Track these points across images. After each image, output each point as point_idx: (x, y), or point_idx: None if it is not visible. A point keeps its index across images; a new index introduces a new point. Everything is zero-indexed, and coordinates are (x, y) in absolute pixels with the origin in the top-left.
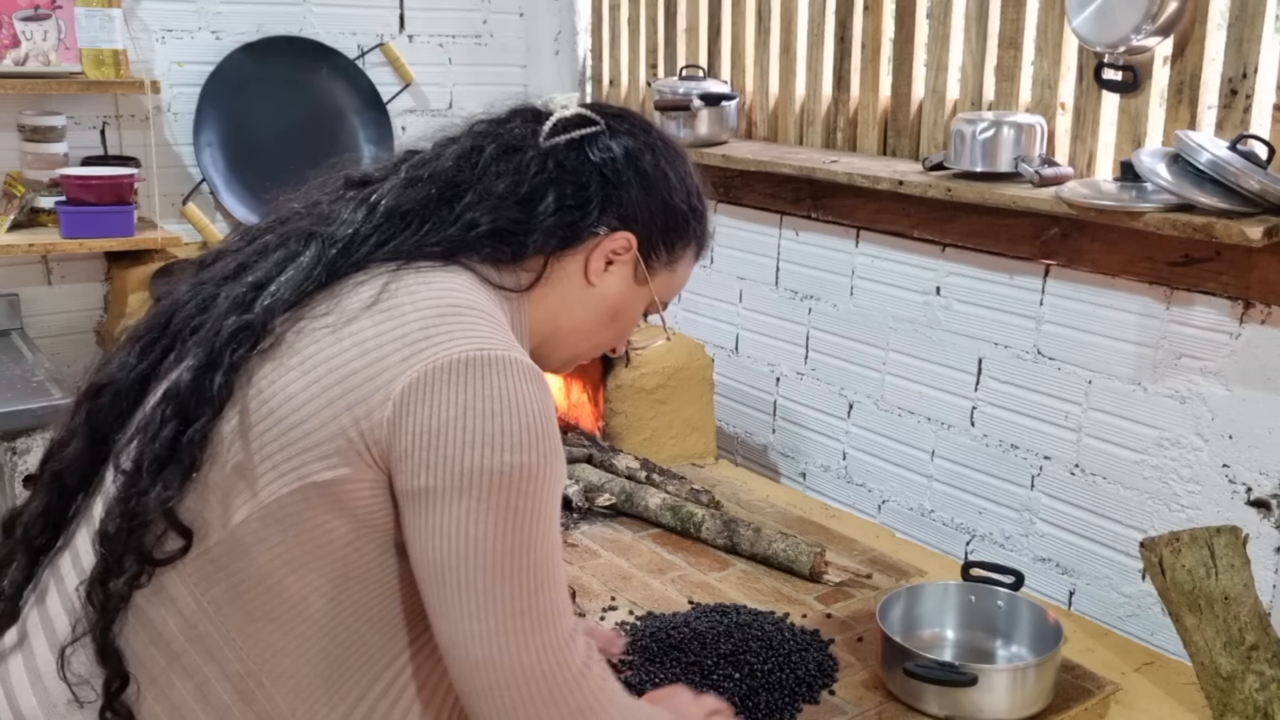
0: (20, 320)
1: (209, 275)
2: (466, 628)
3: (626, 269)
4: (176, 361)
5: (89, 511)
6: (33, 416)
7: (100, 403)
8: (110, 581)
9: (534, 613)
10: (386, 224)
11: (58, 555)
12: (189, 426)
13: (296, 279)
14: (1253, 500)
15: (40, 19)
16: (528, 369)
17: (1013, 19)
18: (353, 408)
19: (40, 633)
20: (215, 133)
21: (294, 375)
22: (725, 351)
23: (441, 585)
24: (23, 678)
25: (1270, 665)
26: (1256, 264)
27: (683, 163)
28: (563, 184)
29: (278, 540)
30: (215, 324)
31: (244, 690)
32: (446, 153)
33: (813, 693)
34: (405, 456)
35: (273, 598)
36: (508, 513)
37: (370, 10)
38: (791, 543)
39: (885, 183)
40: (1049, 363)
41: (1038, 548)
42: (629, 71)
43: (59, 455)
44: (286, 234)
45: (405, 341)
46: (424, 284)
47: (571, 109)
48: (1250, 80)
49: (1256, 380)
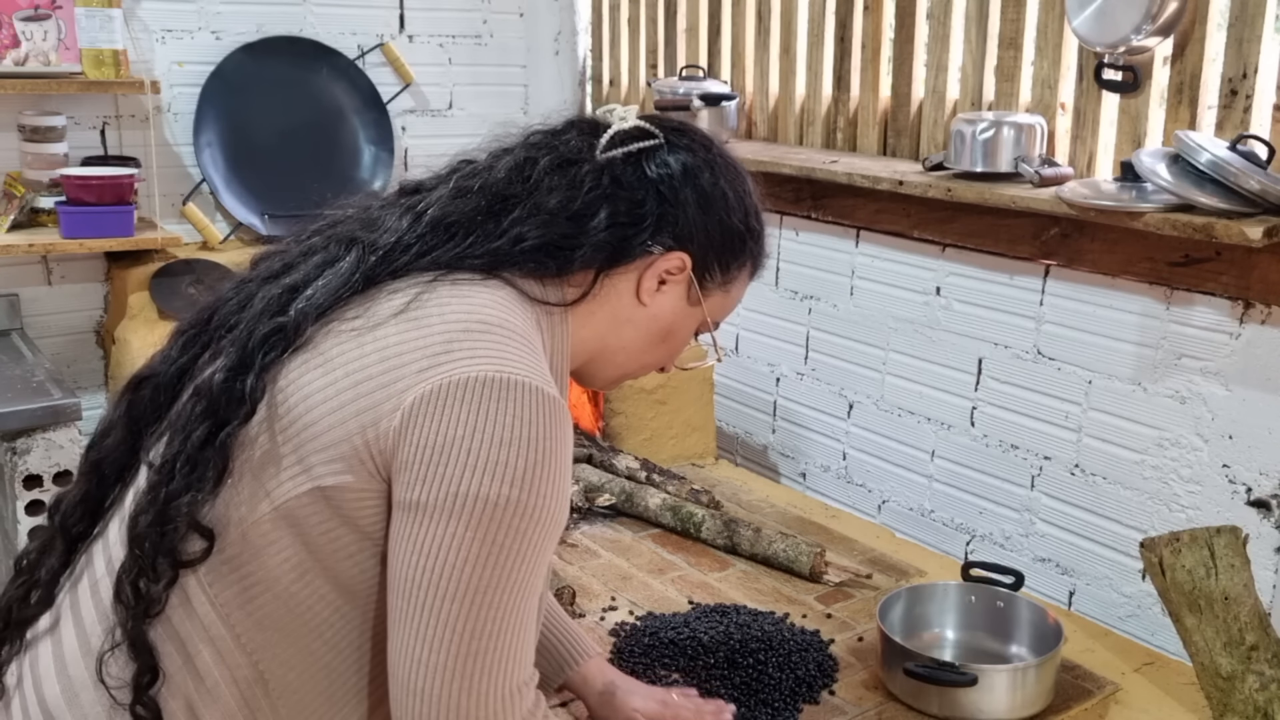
0: (20, 320)
1: (255, 274)
2: (417, 653)
3: (680, 289)
4: (211, 359)
5: (122, 502)
6: (33, 416)
7: (140, 394)
8: (141, 581)
9: (489, 657)
10: (430, 234)
11: (92, 543)
12: (221, 428)
13: (334, 284)
14: (1253, 500)
15: (40, 19)
16: (548, 399)
17: (1013, 19)
18: (362, 414)
19: (69, 620)
20: (215, 133)
21: (314, 375)
22: (725, 352)
23: (407, 601)
24: (49, 665)
25: (1270, 665)
26: (1256, 264)
27: (742, 181)
28: (617, 200)
29: (287, 544)
30: (250, 325)
31: (250, 699)
32: (499, 164)
33: (813, 693)
34: (405, 468)
35: (281, 605)
36: (492, 547)
37: (370, 10)
38: (791, 543)
39: (885, 183)
40: (1049, 363)
41: (1038, 548)
42: (629, 71)
43: (99, 445)
44: (330, 238)
45: (426, 353)
46: (456, 296)
47: (630, 121)
48: (1250, 80)
49: (1256, 380)
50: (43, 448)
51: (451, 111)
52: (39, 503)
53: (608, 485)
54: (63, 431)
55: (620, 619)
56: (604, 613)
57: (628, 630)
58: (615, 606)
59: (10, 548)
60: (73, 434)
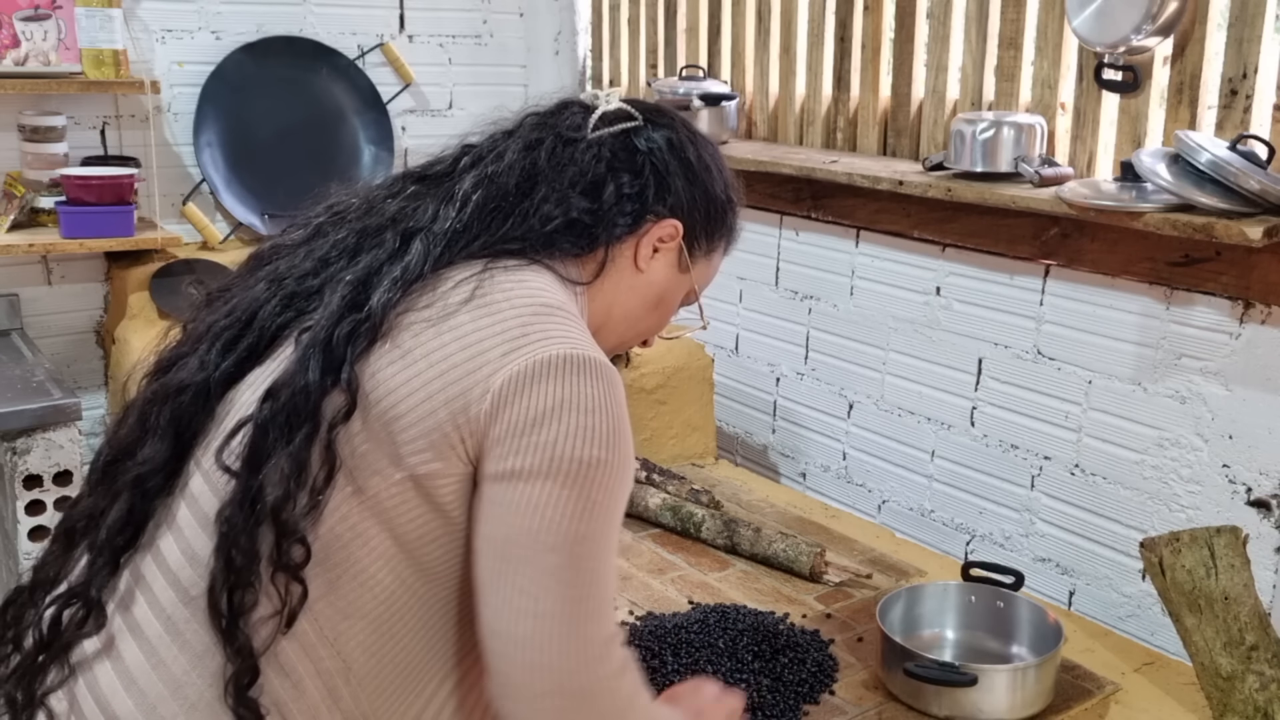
0: (20, 320)
1: (284, 271)
2: (519, 603)
3: (671, 256)
4: (271, 360)
5: (168, 512)
6: (33, 416)
7: (182, 402)
8: (238, 592)
9: (587, 604)
10: (478, 220)
11: (135, 556)
12: (323, 428)
13: (405, 276)
14: (1253, 500)
15: (40, 19)
16: (612, 373)
17: (1013, 19)
18: (451, 401)
19: (128, 636)
20: (215, 133)
21: (396, 368)
22: (725, 351)
23: (505, 559)
24: (113, 682)
25: (1270, 665)
26: (1256, 264)
27: (719, 156)
28: (619, 173)
29: (374, 534)
30: (329, 322)
31: (332, 689)
32: (510, 146)
33: (813, 693)
34: (498, 443)
35: (365, 593)
36: (587, 503)
37: (370, 10)
38: (791, 543)
39: (885, 183)
40: (1049, 363)
41: (1038, 548)
42: (629, 71)
43: (140, 458)
44: (367, 229)
45: (505, 337)
46: (517, 282)
47: (614, 103)
48: (1250, 80)
49: (1256, 380)
50: (43, 448)
51: (451, 111)
52: (39, 503)
53: None
54: (63, 431)
55: (620, 619)
56: None
57: (628, 630)
58: (615, 606)
59: (10, 548)
60: (73, 434)
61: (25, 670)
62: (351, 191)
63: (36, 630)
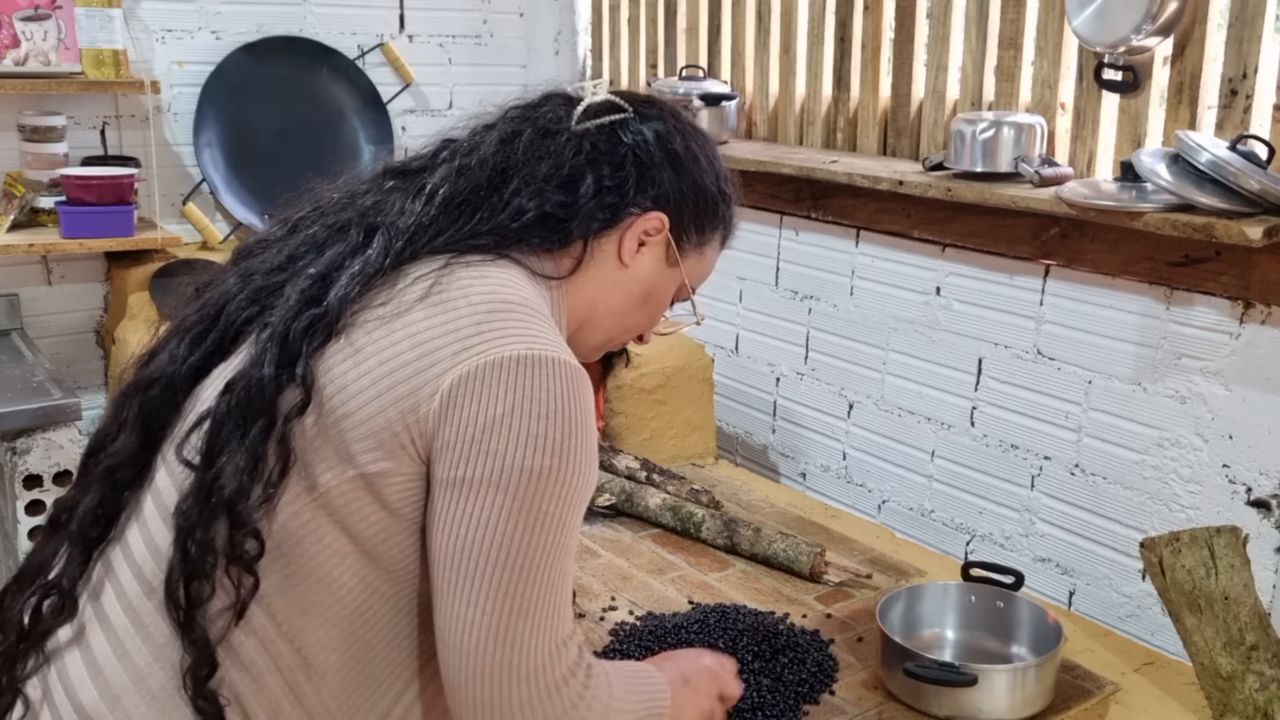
0: (20, 320)
1: (256, 266)
2: (468, 615)
3: (659, 250)
4: (235, 354)
5: (138, 505)
6: (33, 416)
7: (151, 395)
8: (195, 583)
9: (535, 615)
10: (443, 214)
11: (108, 548)
12: (278, 422)
13: (364, 271)
14: (1253, 500)
15: (40, 19)
16: (575, 372)
17: (1013, 19)
18: (400, 400)
19: (97, 626)
20: (215, 133)
21: (347, 366)
22: (725, 351)
23: (455, 570)
24: (81, 671)
25: (1270, 665)
26: (1256, 264)
27: (712, 148)
28: (599, 165)
29: (327, 531)
30: (286, 316)
31: (294, 684)
32: (487, 139)
33: (813, 693)
34: (447, 447)
35: (321, 590)
36: (536, 514)
37: (370, 10)
38: (791, 543)
39: (885, 183)
40: (1049, 363)
41: (1038, 548)
42: (629, 71)
43: (110, 450)
44: (337, 224)
45: (457, 336)
46: (477, 278)
47: (601, 95)
48: (1250, 80)
49: (1256, 380)
50: (43, 448)
51: (451, 111)
52: (39, 503)
53: (608, 485)
54: (63, 431)
55: (620, 619)
56: (604, 613)
57: (627, 630)
58: (615, 606)
59: (10, 548)
60: (73, 434)
61: (6, 658)
62: (334, 187)
63: (19, 619)
